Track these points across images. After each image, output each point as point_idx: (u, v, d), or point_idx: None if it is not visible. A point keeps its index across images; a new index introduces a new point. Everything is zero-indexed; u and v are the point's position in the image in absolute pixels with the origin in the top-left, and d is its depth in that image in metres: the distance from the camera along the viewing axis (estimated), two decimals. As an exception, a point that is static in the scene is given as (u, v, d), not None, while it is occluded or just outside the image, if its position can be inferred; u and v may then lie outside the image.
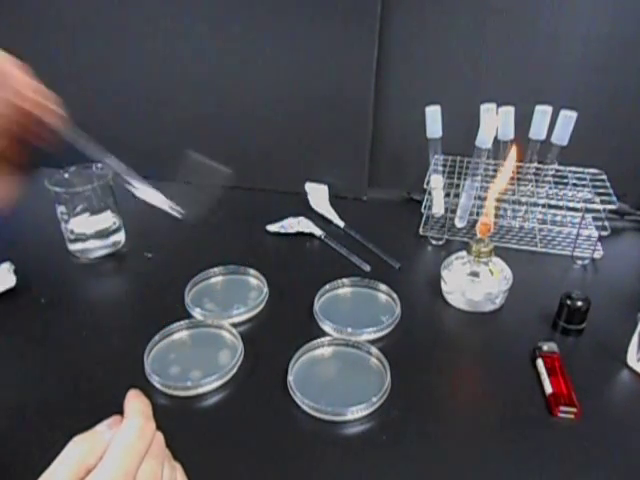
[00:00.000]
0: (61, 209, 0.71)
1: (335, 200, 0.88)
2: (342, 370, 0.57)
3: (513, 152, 0.70)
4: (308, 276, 0.70)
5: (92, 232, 0.73)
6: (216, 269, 0.71)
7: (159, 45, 0.87)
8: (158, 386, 0.54)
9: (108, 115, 0.93)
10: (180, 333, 0.61)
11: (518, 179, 0.78)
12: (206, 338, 0.61)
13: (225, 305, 0.65)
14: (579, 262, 0.74)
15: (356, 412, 0.50)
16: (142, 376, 0.55)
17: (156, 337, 0.59)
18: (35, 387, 0.55)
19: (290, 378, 0.54)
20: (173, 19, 0.85)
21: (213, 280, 0.70)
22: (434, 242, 0.79)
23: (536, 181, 0.79)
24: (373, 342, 0.60)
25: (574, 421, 0.50)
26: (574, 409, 0.50)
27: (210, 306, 0.65)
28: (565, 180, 0.77)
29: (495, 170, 0.79)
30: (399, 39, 0.81)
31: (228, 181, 0.56)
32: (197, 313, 0.63)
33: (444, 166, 0.80)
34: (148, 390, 0.53)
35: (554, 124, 0.75)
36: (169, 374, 0.55)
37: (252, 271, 0.70)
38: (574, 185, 0.76)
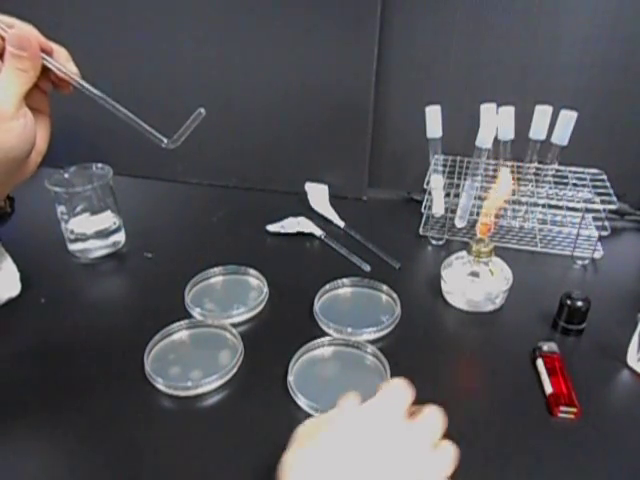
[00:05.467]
0: (61, 209, 0.71)
1: (335, 200, 0.88)
2: (342, 370, 0.57)
3: (507, 176, 0.71)
4: (308, 276, 0.70)
5: (92, 232, 0.73)
6: (216, 269, 0.71)
7: (158, 45, 0.87)
8: (158, 386, 0.54)
9: (108, 114, 0.93)
10: (180, 333, 0.61)
11: (518, 179, 0.78)
12: (206, 338, 0.61)
13: (225, 305, 0.65)
14: (579, 262, 0.74)
15: (356, 412, 0.50)
16: (142, 376, 0.55)
17: (156, 337, 0.59)
18: (35, 387, 0.55)
19: (290, 378, 0.54)
20: (173, 18, 0.85)
21: (213, 280, 0.70)
22: (434, 242, 0.79)
23: (536, 181, 0.79)
24: (373, 342, 0.60)
25: (574, 421, 0.50)
26: (574, 409, 0.50)
27: (210, 306, 0.65)
28: (565, 180, 0.77)
29: (495, 170, 0.79)
30: (399, 39, 0.81)
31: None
32: (197, 313, 0.63)
33: (444, 166, 0.80)
34: (148, 390, 0.54)
35: (554, 124, 0.75)
36: (169, 374, 0.55)
37: (252, 271, 0.70)
38: (574, 185, 0.76)
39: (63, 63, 0.43)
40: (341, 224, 0.83)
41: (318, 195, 0.88)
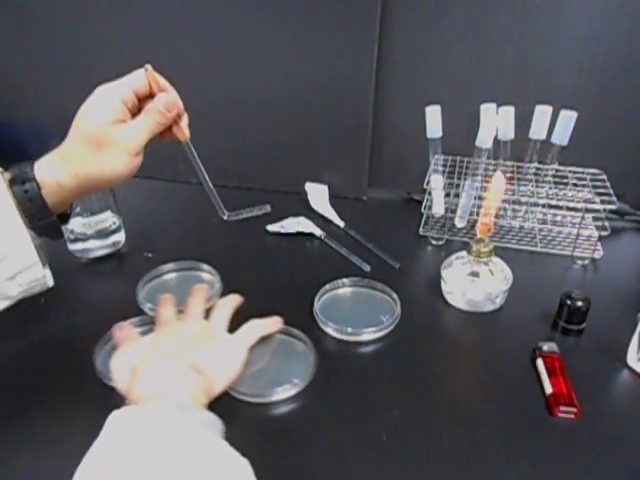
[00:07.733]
0: (61, 209, 0.71)
1: (335, 200, 0.88)
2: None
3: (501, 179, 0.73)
4: (308, 276, 0.70)
5: (92, 232, 0.73)
6: (216, 269, 0.71)
7: (158, 44, 0.87)
8: (158, 386, 0.53)
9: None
10: (180, 333, 0.61)
11: (518, 179, 0.78)
12: (206, 338, 0.61)
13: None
14: (579, 262, 0.74)
15: (356, 412, 0.51)
16: (142, 376, 0.55)
17: (156, 337, 0.58)
18: (34, 387, 0.55)
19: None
20: (171, 17, 0.85)
21: (213, 280, 0.70)
22: (434, 242, 0.79)
23: (536, 181, 0.79)
24: (373, 342, 0.60)
25: (574, 421, 0.50)
26: (574, 409, 0.50)
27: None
28: (565, 180, 0.77)
29: (495, 170, 0.79)
30: (399, 39, 0.81)
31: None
32: (197, 313, 0.63)
33: (444, 166, 0.80)
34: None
35: (554, 124, 0.75)
36: (169, 374, 0.55)
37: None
38: (574, 185, 0.76)
39: (183, 125, 0.53)
40: (341, 224, 0.83)
41: (318, 195, 0.88)
